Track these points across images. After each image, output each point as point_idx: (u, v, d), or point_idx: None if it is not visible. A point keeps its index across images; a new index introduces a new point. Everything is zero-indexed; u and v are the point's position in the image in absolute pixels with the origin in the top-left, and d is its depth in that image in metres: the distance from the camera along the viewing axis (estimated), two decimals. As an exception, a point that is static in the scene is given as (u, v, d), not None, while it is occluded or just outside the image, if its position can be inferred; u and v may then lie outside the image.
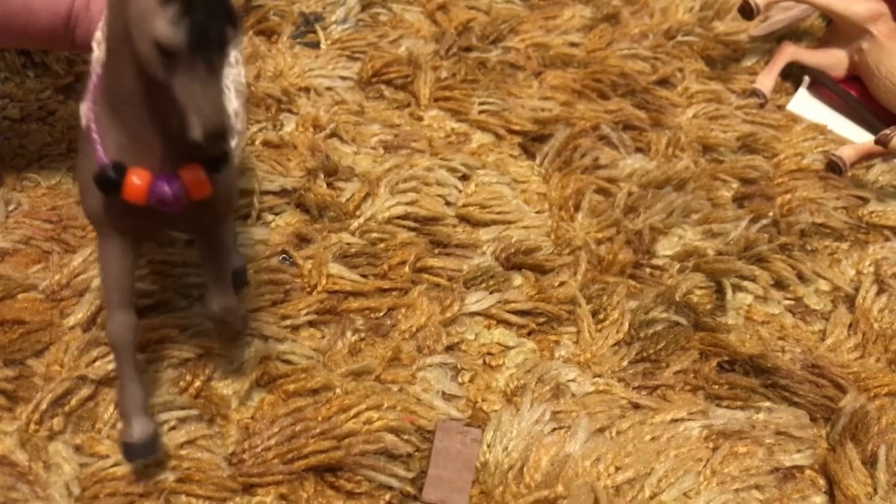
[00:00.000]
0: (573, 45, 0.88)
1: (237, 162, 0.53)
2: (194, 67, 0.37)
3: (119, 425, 0.52)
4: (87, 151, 0.44)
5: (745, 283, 0.67)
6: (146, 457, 0.49)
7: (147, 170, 0.42)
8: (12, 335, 0.56)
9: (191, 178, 0.43)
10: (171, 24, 0.36)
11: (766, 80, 0.86)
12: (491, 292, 0.63)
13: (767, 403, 0.59)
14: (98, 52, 0.50)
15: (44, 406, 0.52)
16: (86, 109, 0.44)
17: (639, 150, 0.78)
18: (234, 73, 0.54)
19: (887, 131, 0.74)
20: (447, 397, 0.57)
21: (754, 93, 0.85)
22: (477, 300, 0.62)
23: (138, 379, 0.48)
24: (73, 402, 0.53)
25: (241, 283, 0.59)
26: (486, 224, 0.69)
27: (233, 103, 0.51)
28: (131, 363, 0.48)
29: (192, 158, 0.42)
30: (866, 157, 0.78)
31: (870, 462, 0.55)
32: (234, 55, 0.55)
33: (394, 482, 0.52)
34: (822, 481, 0.56)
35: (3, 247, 0.61)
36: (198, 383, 0.55)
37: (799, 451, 0.56)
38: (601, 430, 0.56)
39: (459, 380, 0.58)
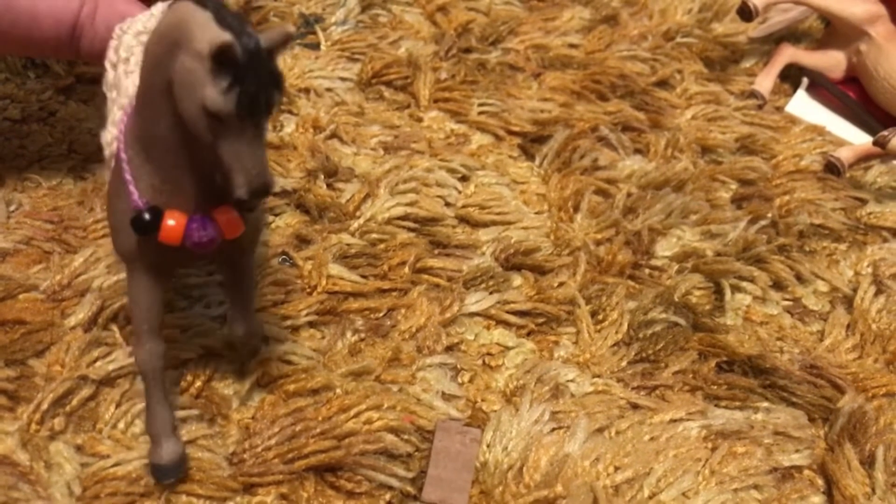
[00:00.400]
0: (572, 46, 0.88)
1: None
2: (243, 131, 0.38)
3: (120, 425, 0.52)
4: (119, 192, 0.45)
5: (744, 284, 0.67)
6: (175, 477, 0.49)
7: (181, 211, 0.43)
8: (13, 335, 0.56)
9: (224, 220, 0.44)
10: (221, 93, 0.36)
11: (765, 82, 0.86)
12: (490, 293, 0.63)
13: (766, 404, 0.59)
14: (111, 76, 0.50)
15: (45, 406, 0.52)
16: (115, 148, 0.45)
17: (638, 151, 0.78)
18: None
19: (885, 133, 0.74)
20: (447, 397, 0.57)
21: (753, 94, 0.85)
22: (476, 301, 0.63)
23: (167, 402, 0.50)
24: (75, 402, 0.53)
25: None
26: (485, 225, 0.69)
27: None
28: (160, 388, 0.49)
29: (224, 198, 0.43)
30: (864, 159, 0.79)
31: (868, 462, 0.56)
32: None
33: (394, 482, 0.52)
34: (820, 481, 0.56)
35: (4, 247, 0.61)
36: (198, 383, 0.55)
37: (797, 451, 0.57)
38: (600, 431, 0.56)
39: (459, 380, 0.58)
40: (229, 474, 0.51)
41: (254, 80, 0.37)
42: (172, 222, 0.43)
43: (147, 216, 0.43)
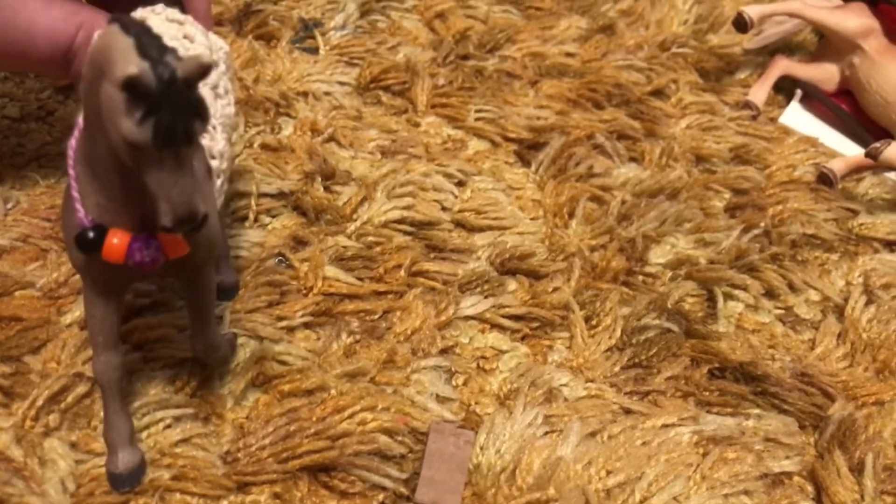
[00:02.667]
0: (569, 55, 0.89)
1: (222, 199, 0.53)
2: (162, 161, 0.37)
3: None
4: (68, 207, 0.45)
5: (737, 292, 0.67)
6: (131, 486, 0.50)
7: (126, 230, 0.43)
8: (9, 332, 0.56)
9: (168, 240, 0.43)
10: (136, 124, 0.36)
11: (759, 93, 0.87)
12: (485, 297, 0.64)
13: (757, 410, 0.60)
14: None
15: (40, 403, 0.52)
16: (68, 164, 0.44)
17: (633, 159, 0.79)
18: (222, 105, 0.54)
19: (877, 144, 0.75)
20: (441, 400, 0.57)
21: (747, 105, 0.86)
22: (471, 304, 0.63)
23: (125, 412, 0.50)
24: (70, 399, 0.53)
25: (230, 298, 0.60)
26: (481, 229, 0.70)
27: (218, 143, 0.52)
28: (118, 398, 0.49)
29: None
30: (857, 170, 0.80)
31: (857, 469, 0.56)
32: (222, 84, 0.54)
33: (387, 483, 0.52)
34: (810, 488, 0.56)
35: (1, 244, 0.61)
36: (194, 382, 0.55)
37: (788, 457, 0.57)
38: (593, 435, 0.56)
39: (453, 383, 0.59)
40: (223, 473, 0.51)
41: (170, 109, 0.36)
42: (116, 241, 0.43)
43: (91, 234, 0.43)
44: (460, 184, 0.73)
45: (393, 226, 0.68)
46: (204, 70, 0.37)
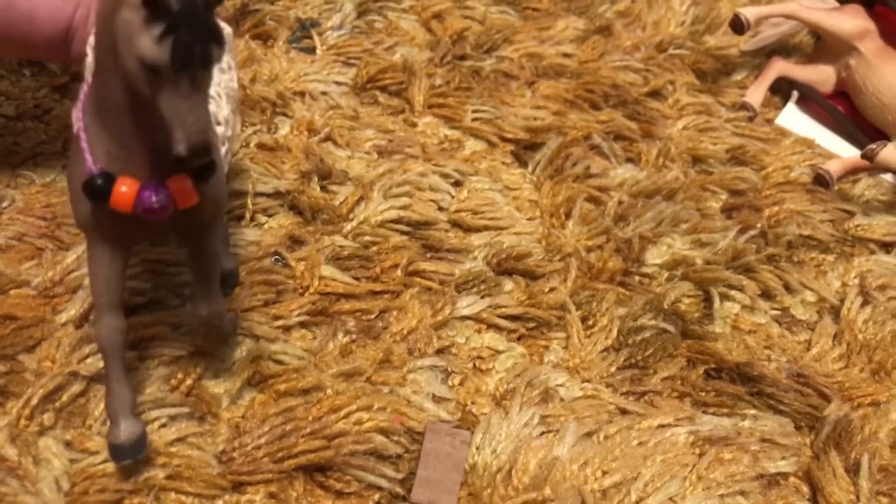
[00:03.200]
0: (566, 55, 0.89)
1: (227, 168, 0.53)
2: (178, 85, 0.37)
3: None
4: (76, 159, 0.44)
5: (733, 293, 0.67)
6: (133, 457, 0.49)
7: (135, 178, 0.43)
8: (4, 331, 0.56)
9: (177, 188, 0.43)
10: (155, 43, 0.36)
11: (756, 94, 0.87)
12: (482, 297, 0.64)
13: (753, 411, 0.60)
14: (90, 58, 0.50)
15: (34, 401, 0.52)
16: (76, 119, 0.44)
17: (629, 160, 0.79)
18: (227, 79, 0.54)
19: (873, 146, 0.75)
20: (437, 399, 0.57)
21: (744, 106, 0.86)
22: (468, 304, 0.63)
23: (127, 380, 0.49)
24: (64, 398, 0.53)
25: (232, 285, 0.60)
26: (477, 230, 0.70)
27: (223, 110, 0.52)
28: (120, 365, 0.48)
29: (179, 168, 0.42)
30: (853, 172, 0.80)
31: (853, 470, 0.56)
32: (226, 60, 0.55)
33: (383, 482, 0.52)
34: (805, 488, 0.56)
35: (-4, 243, 0.61)
36: (189, 381, 0.55)
37: (783, 458, 0.57)
38: (589, 435, 0.56)
39: (449, 382, 0.59)
40: (218, 472, 0.51)
41: (188, 30, 0.37)
42: (124, 188, 0.42)
43: (99, 181, 0.42)
44: (457, 184, 0.73)
45: (389, 225, 0.68)
46: None
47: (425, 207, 0.70)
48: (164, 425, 0.53)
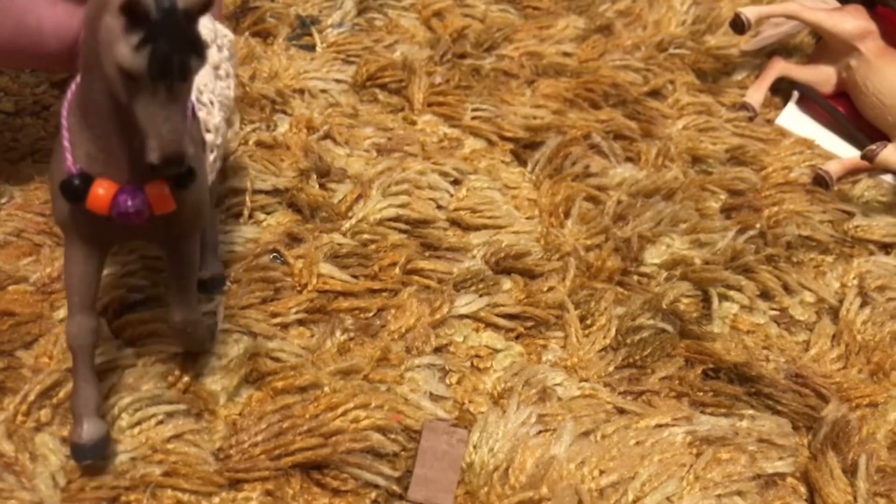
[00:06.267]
0: (566, 54, 0.89)
1: (216, 175, 0.53)
2: (155, 93, 0.37)
3: (106, 419, 0.52)
4: (57, 156, 0.44)
5: (732, 293, 0.67)
6: (94, 458, 0.49)
7: (113, 181, 0.43)
8: (2, 326, 0.56)
9: (154, 193, 0.43)
10: (133, 50, 0.36)
11: (756, 95, 0.87)
12: (480, 295, 0.64)
13: (751, 411, 0.60)
14: None
15: (31, 397, 0.52)
16: (62, 115, 0.44)
17: (629, 159, 0.79)
18: (223, 86, 0.54)
19: (873, 147, 0.75)
20: (434, 398, 0.57)
21: (744, 106, 0.86)
22: (466, 303, 0.63)
23: (94, 380, 0.49)
24: (61, 394, 0.53)
25: (217, 290, 0.60)
26: (476, 228, 0.69)
27: (214, 118, 0.51)
28: (88, 365, 0.48)
29: (156, 175, 0.42)
30: (852, 172, 0.80)
31: (850, 471, 0.56)
32: (225, 68, 0.55)
33: (380, 480, 0.52)
34: (803, 489, 0.56)
35: (-6, 239, 0.61)
36: (186, 378, 0.55)
37: (781, 458, 0.57)
38: (586, 434, 0.56)
39: (447, 381, 0.59)
40: (215, 469, 0.51)
41: (167, 39, 0.36)
42: (101, 191, 0.42)
43: (76, 182, 0.42)
44: (456, 182, 0.73)
45: (388, 224, 0.68)
46: (205, 4, 0.37)
47: (424, 206, 0.70)
48: (161, 422, 0.53)
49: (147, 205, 0.43)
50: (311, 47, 0.85)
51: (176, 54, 0.37)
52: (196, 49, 0.38)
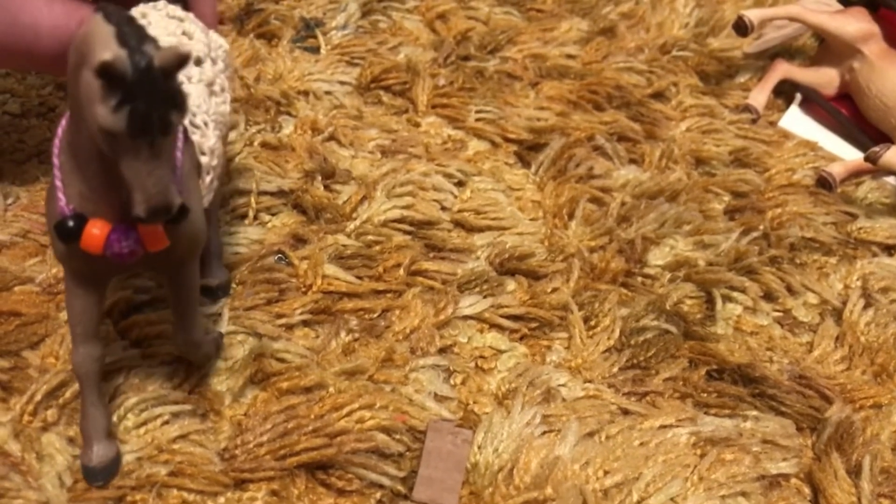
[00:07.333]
0: (570, 56, 0.89)
1: (213, 196, 0.53)
2: (137, 150, 0.37)
3: (111, 418, 0.52)
4: (51, 196, 0.45)
5: (735, 294, 0.67)
6: (105, 480, 0.50)
7: (106, 221, 0.43)
8: (8, 327, 0.56)
9: (147, 232, 0.43)
10: (111, 112, 0.36)
11: (759, 97, 0.87)
12: (484, 296, 0.64)
13: (755, 412, 0.60)
14: None
15: (38, 397, 0.52)
16: (53, 153, 0.45)
17: (632, 161, 0.79)
18: (218, 102, 0.54)
19: (876, 149, 0.75)
20: (439, 398, 0.57)
21: (747, 108, 0.86)
22: (470, 304, 0.63)
23: (102, 404, 0.50)
24: (68, 394, 0.53)
25: (221, 297, 0.60)
26: (480, 229, 0.70)
27: (209, 139, 0.51)
28: (95, 390, 0.49)
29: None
30: (856, 174, 0.80)
31: (854, 472, 0.56)
32: (219, 83, 0.54)
33: (384, 481, 0.52)
34: (807, 490, 0.56)
35: (0, 239, 0.62)
36: (192, 379, 0.55)
37: (785, 459, 0.57)
38: (591, 435, 0.56)
39: (451, 382, 0.59)
40: (221, 469, 0.51)
41: (145, 98, 0.36)
42: (96, 231, 0.42)
43: (70, 223, 0.43)
44: (460, 184, 0.73)
45: (392, 225, 0.68)
46: (181, 60, 0.37)
47: (428, 207, 0.70)
48: (166, 422, 0.53)
49: (140, 244, 0.43)
50: (316, 49, 0.85)
51: (155, 112, 0.37)
52: (176, 103, 0.38)
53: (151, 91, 0.36)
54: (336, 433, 0.53)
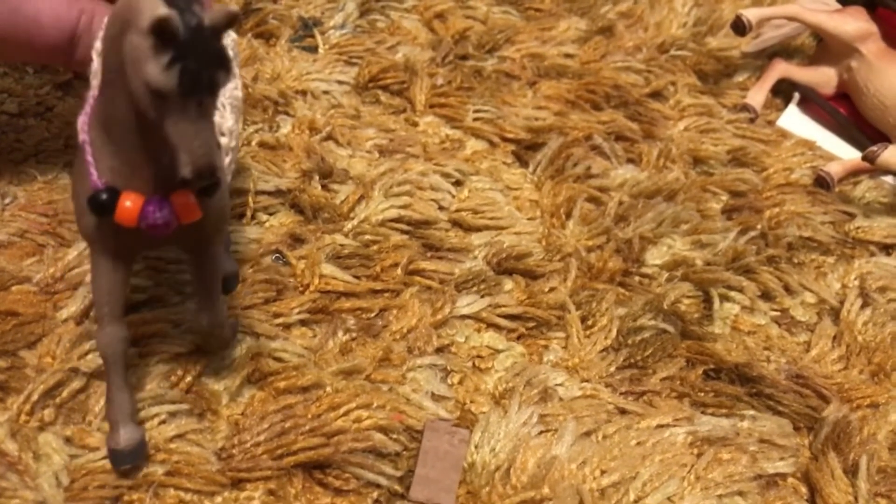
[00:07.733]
0: (568, 56, 0.89)
1: (231, 177, 0.53)
2: (185, 109, 0.38)
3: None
4: (81, 172, 0.45)
5: (733, 294, 0.67)
6: (132, 463, 0.49)
7: (139, 193, 0.43)
8: (5, 326, 0.56)
9: (181, 203, 0.44)
10: (163, 70, 0.37)
11: (757, 96, 0.87)
12: (482, 296, 0.64)
13: (752, 412, 0.60)
14: (96, 63, 0.51)
15: (35, 397, 0.52)
16: (81, 130, 0.45)
17: (630, 160, 0.79)
18: (231, 88, 0.54)
19: (874, 148, 0.75)
20: (436, 398, 0.57)
21: (745, 108, 0.86)
22: (468, 303, 0.63)
23: (127, 387, 0.49)
24: (65, 393, 0.53)
25: (232, 288, 0.60)
26: (478, 229, 0.70)
27: (227, 121, 0.52)
28: (121, 373, 0.49)
29: (184, 186, 0.43)
30: (853, 174, 0.80)
31: (851, 471, 0.56)
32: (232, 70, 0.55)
33: (381, 480, 0.52)
34: (804, 489, 0.56)
35: (-2, 239, 0.62)
36: (189, 378, 0.55)
37: (782, 458, 0.57)
38: (587, 434, 0.56)
39: (449, 381, 0.59)
40: (217, 469, 0.51)
41: (196, 57, 0.37)
42: (129, 203, 0.43)
43: (104, 196, 0.43)
44: (458, 183, 0.73)
45: (390, 224, 0.68)
46: (230, 20, 0.38)
47: (426, 207, 0.70)
48: (163, 422, 0.53)
49: (174, 215, 0.44)
50: (314, 49, 0.85)
51: (205, 70, 0.37)
52: (223, 63, 0.38)
53: (201, 50, 0.37)
54: (333, 433, 0.53)
